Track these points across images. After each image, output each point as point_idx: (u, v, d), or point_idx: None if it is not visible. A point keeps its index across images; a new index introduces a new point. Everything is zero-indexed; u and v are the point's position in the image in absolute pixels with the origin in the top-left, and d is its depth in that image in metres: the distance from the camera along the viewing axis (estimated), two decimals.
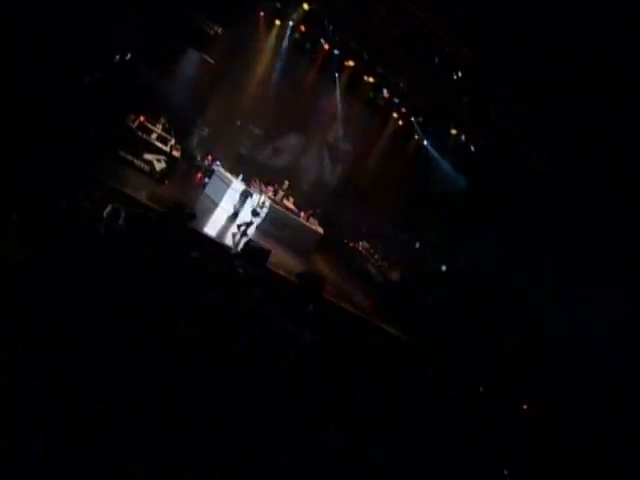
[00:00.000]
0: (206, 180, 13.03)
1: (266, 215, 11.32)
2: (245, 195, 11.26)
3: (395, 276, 13.41)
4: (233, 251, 9.18)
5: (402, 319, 11.79)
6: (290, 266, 10.92)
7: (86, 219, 5.70)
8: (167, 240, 6.48)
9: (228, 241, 9.92)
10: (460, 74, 9.35)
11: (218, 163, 13.34)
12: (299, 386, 5.34)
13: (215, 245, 9.07)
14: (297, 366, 5.76)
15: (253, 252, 9.64)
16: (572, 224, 11.11)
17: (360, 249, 15.05)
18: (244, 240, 10.05)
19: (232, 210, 11.27)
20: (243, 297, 6.76)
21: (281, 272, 10.05)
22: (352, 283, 12.75)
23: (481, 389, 10.57)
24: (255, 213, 10.82)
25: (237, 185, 11.53)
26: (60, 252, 4.78)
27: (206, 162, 13.32)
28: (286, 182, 12.22)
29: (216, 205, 11.50)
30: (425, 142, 14.79)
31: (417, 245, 14.81)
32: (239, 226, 10.42)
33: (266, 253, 9.87)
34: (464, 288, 12.79)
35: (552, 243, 11.57)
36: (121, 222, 6.09)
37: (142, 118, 10.28)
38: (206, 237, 9.04)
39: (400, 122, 14.34)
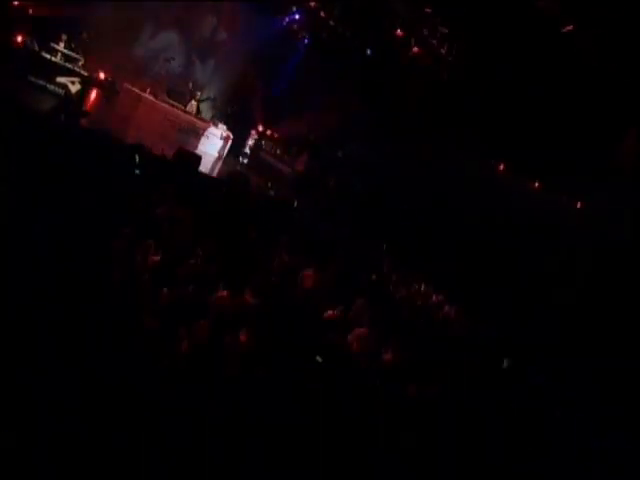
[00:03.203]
0: (105, 99, 13.08)
1: (183, 128, 12.25)
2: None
3: (300, 166, 15.27)
4: None
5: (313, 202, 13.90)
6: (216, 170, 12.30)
7: None
8: None
9: None
10: None
11: (110, 79, 13.35)
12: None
13: None
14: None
15: (186, 158, 10.75)
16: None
17: (263, 147, 16.48)
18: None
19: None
20: None
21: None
22: (266, 178, 14.36)
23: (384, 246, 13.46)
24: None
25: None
26: None
27: (100, 78, 13.21)
28: (198, 93, 12.85)
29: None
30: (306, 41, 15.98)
31: (312, 137, 16.58)
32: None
33: (197, 159, 11.03)
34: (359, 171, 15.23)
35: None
36: None
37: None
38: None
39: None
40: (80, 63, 10.37)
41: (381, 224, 13.65)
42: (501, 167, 13.03)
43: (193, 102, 12.56)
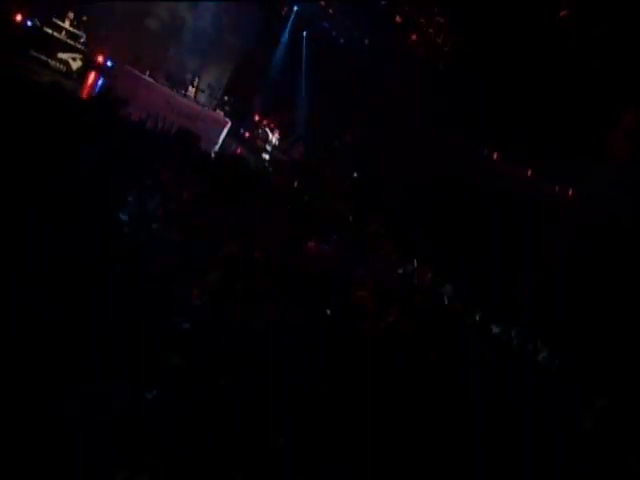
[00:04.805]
0: (100, 81, 13.08)
1: (183, 111, 12.30)
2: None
3: (297, 154, 15.37)
4: None
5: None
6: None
7: None
8: None
9: None
10: None
11: (109, 63, 13.36)
12: None
13: None
14: None
15: (186, 138, 10.85)
16: None
17: (257, 136, 16.56)
18: None
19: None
20: None
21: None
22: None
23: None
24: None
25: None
26: None
27: (98, 61, 13.19)
28: (197, 78, 12.92)
29: None
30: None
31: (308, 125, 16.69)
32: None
33: (197, 139, 11.12)
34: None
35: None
36: None
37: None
38: None
39: None
40: (82, 40, 10.39)
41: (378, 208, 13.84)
42: (495, 155, 13.24)
43: (192, 87, 12.63)
